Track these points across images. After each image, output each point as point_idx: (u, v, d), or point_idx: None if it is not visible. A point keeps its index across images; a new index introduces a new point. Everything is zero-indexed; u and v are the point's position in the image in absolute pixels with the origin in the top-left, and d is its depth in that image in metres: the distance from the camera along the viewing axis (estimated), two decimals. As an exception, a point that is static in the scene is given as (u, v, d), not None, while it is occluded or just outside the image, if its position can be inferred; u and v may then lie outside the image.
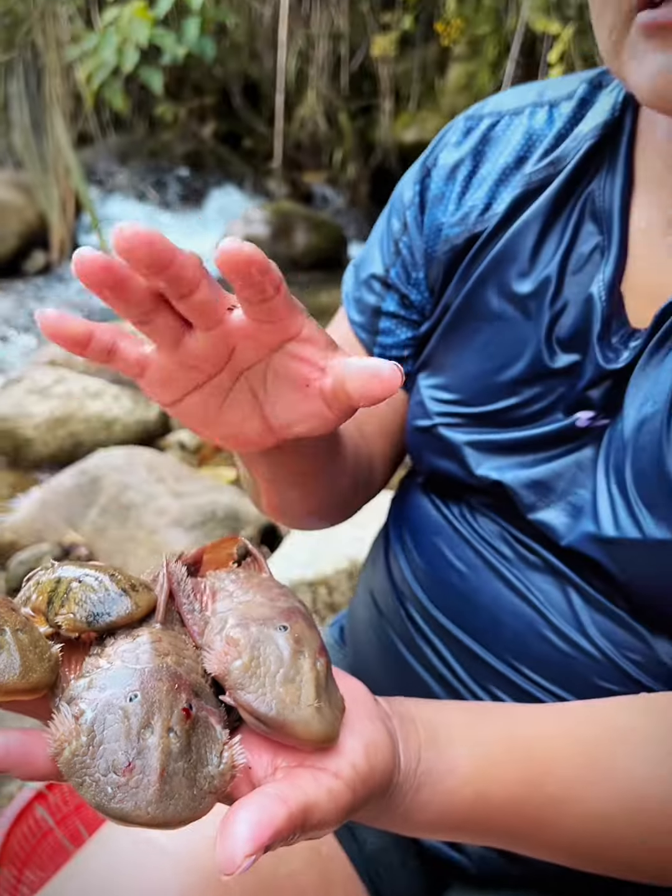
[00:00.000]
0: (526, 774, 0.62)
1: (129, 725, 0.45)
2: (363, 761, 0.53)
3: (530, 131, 0.82)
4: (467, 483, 0.83)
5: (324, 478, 0.80)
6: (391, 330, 0.91)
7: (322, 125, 6.03)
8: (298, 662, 0.51)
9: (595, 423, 0.76)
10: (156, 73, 5.87)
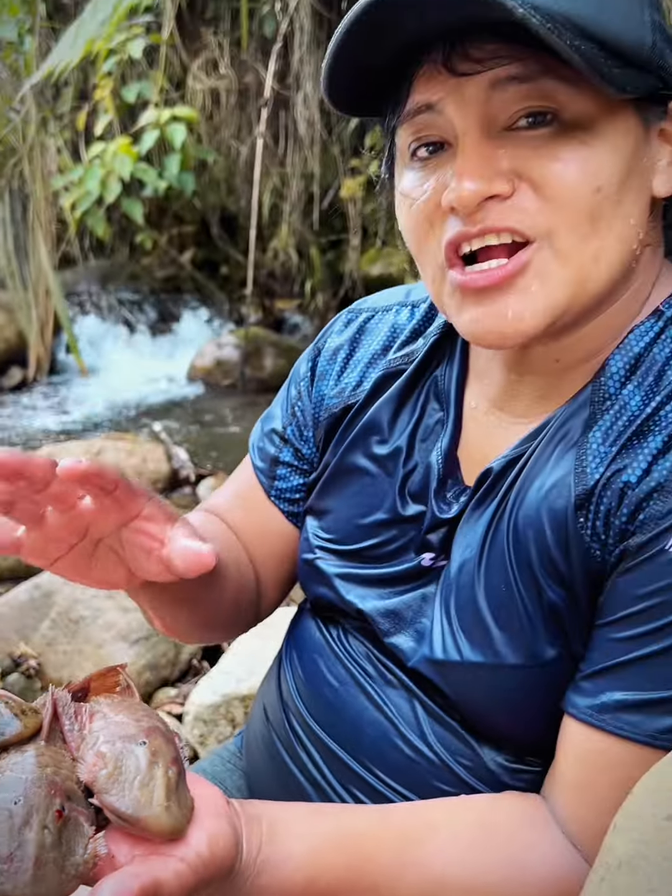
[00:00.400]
0: (351, 862, 0.75)
1: (12, 823, 0.58)
2: (206, 850, 0.66)
3: (394, 325, 1.02)
4: (340, 609, 0.98)
5: (202, 602, 0.95)
6: (286, 476, 1.08)
7: (294, 257, 6.33)
8: (153, 771, 0.64)
9: (436, 564, 0.92)
10: (137, 204, 6.20)
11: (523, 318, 0.77)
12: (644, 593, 0.75)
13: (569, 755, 0.80)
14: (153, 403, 5.65)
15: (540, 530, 0.82)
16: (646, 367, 0.81)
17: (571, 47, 0.68)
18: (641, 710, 0.74)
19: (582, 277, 0.77)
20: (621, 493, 0.77)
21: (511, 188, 0.76)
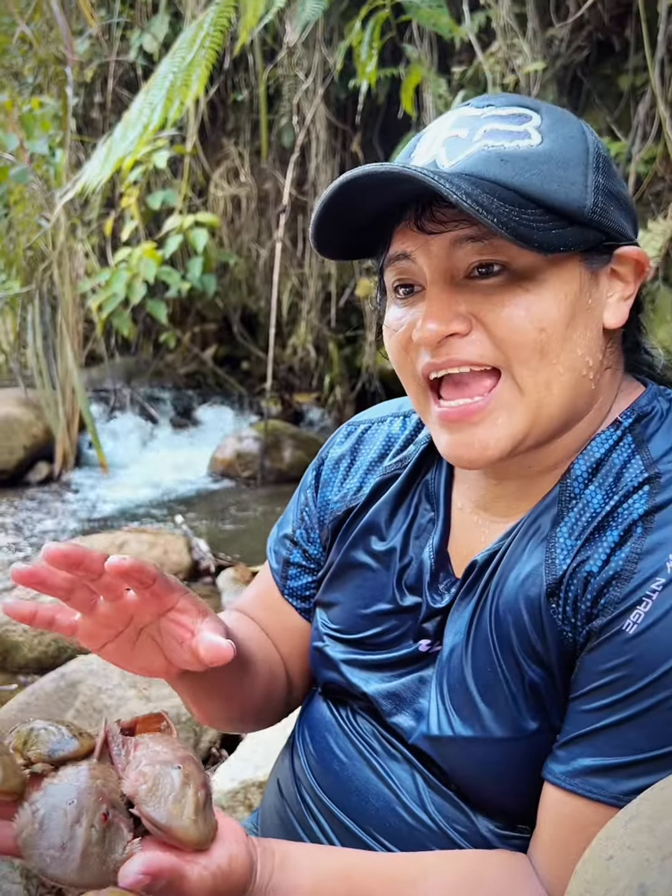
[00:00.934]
0: (351, 892, 0.86)
1: (66, 820, 0.70)
2: (226, 865, 0.77)
3: (389, 434, 1.16)
4: (347, 691, 1.08)
5: (237, 693, 1.07)
6: (297, 576, 1.20)
7: (312, 352, 6.54)
8: (185, 790, 0.76)
9: (432, 649, 1.02)
10: (161, 305, 6.45)
11: (488, 446, 0.91)
12: (606, 668, 0.84)
13: (546, 817, 0.88)
14: (175, 496, 5.77)
15: (518, 615, 0.92)
16: (606, 470, 0.93)
17: (500, 223, 0.81)
18: (608, 774, 0.82)
19: (538, 404, 0.90)
20: (585, 581, 0.88)
21: (468, 328, 0.89)
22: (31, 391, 6.35)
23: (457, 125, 0.92)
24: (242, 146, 6.67)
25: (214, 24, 4.31)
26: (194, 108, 6.25)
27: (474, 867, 0.90)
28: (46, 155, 6.42)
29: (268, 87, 6.10)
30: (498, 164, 0.87)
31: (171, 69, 4.08)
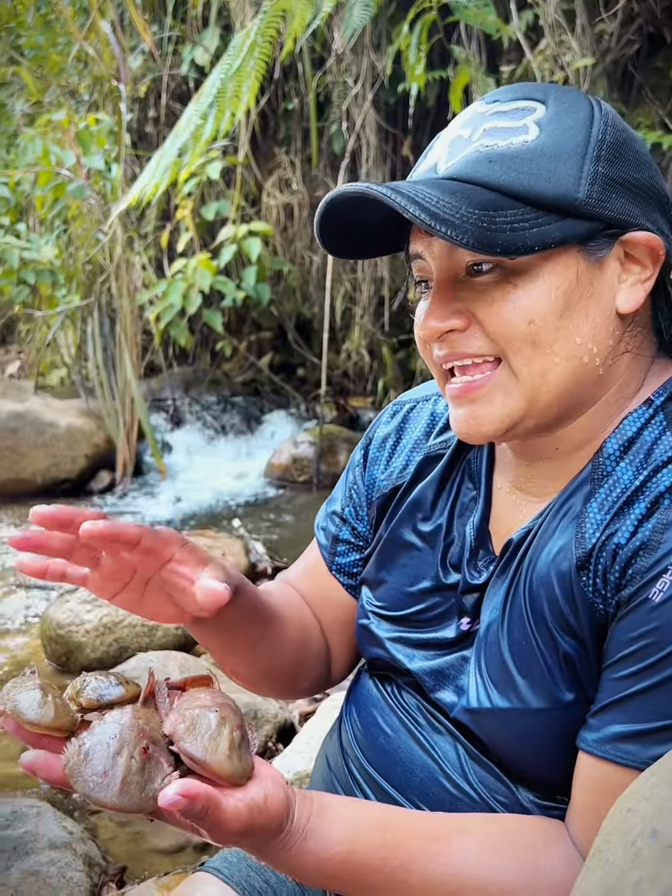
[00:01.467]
0: (386, 843, 0.87)
1: (108, 752, 0.76)
2: (262, 801, 0.80)
3: (433, 413, 1.18)
4: (392, 667, 1.09)
5: (258, 651, 1.09)
6: (345, 552, 1.23)
7: (366, 357, 6.56)
8: (221, 729, 0.80)
9: (472, 628, 1.04)
10: (217, 314, 6.54)
11: (483, 423, 0.95)
12: (634, 636, 0.85)
13: (579, 783, 0.89)
14: (233, 501, 5.84)
15: (550, 589, 0.93)
16: (637, 447, 0.94)
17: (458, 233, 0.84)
18: (637, 740, 0.83)
19: (534, 391, 0.92)
20: (614, 552, 0.89)
21: (466, 323, 0.93)
22: (93, 401, 6.49)
23: (464, 124, 0.96)
24: (294, 154, 6.73)
25: (262, 34, 4.37)
26: (245, 119, 6.33)
27: (509, 826, 0.92)
28: (103, 170, 6.55)
29: (317, 94, 6.15)
30: (486, 166, 0.90)
31: (218, 76, 4.15)
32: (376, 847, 0.87)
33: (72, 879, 1.87)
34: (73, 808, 2.35)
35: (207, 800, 0.75)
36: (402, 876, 0.87)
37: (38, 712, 0.79)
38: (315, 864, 0.86)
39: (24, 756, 0.78)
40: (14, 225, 7.44)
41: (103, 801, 0.76)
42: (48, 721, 0.79)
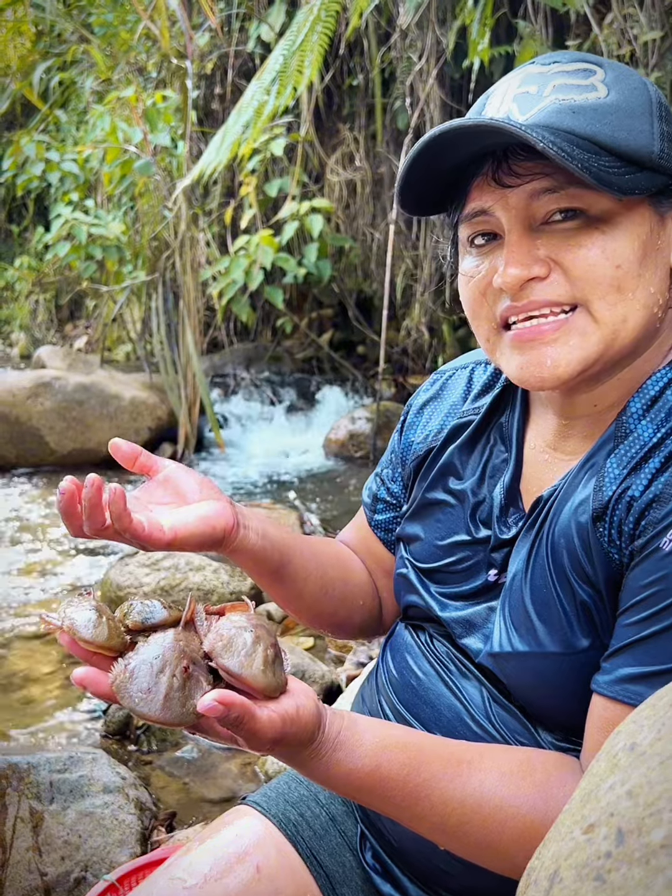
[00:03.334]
0: (410, 762, 0.92)
1: (152, 670, 0.83)
2: (294, 711, 0.86)
3: (470, 378, 1.23)
4: (426, 614, 1.15)
5: (284, 582, 1.18)
6: (383, 510, 1.31)
7: (426, 334, 6.56)
8: (256, 647, 0.86)
9: (500, 580, 1.09)
10: (278, 291, 6.60)
11: (559, 365, 0.96)
12: (645, 584, 0.89)
13: (591, 723, 0.93)
14: (290, 475, 5.92)
15: (570, 539, 0.98)
16: (659, 406, 0.97)
17: (584, 168, 0.87)
18: (645, 681, 0.87)
19: (613, 336, 0.95)
20: (628, 505, 0.93)
21: (548, 270, 0.95)
22: (156, 376, 6.61)
23: (525, 82, 0.98)
24: (358, 131, 6.73)
25: (326, 9, 4.39)
26: (309, 95, 6.36)
27: (527, 756, 0.97)
28: (169, 147, 6.65)
29: (382, 70, 6.14)
30: (570, 116, 0.92)
31: (281, 52, 4.18)
32: (400, 764, 0.92)
33: (124, 822, 1.96)
34: (128, 758, 2.46)
35: (243, 708, 0.80)
36: (423, 793, 0.92)
37: (93, 631, 0.86)
38: (343, 775, 0.91)
39: (76, 672, 0.85)
40: (83, 201, 7.59)
41: (147, 715, 0.82)
42: (101, 640, 0.86)
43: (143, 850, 1.93)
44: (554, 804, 0.92)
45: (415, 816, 0.93)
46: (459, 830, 0.93)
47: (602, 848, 0.49)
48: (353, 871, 1.19)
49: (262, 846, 1.17)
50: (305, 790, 1.26)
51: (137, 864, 1.67)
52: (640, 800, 0.50)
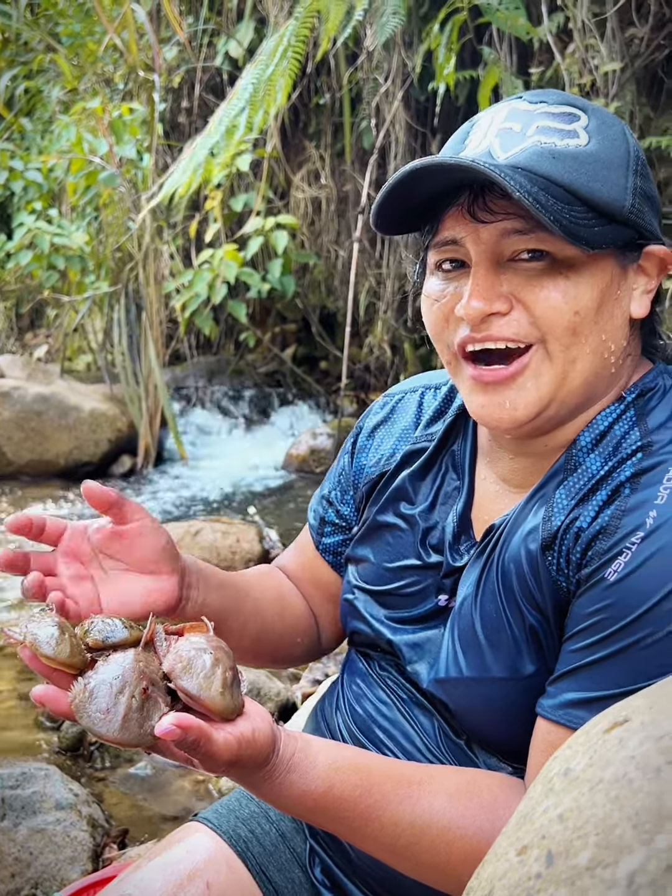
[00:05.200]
0: (362, 783, 0.95)
1: (111, 691, 0.84)
2: (250, 734, 0.87)
3: (420, 403, 1.25)
4: (373, 641, 1.18)
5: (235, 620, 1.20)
6: (331, 533, 1.31)
7: (388, 352, 6.62)
8: (215, 669, 0.87)
9: (450, 604, 1.11)
10: (242, 305, 6.62)
11: (517, 408, 0.99)
12: (589, 612, 0.92)
13: (535, 746, 0.96)
14: (251, 489, 5.93)
15: (520, 566, 1.01)
16: (607, 441, 1.01)
17: (555, 220, 0.89)
18: (587, 706, 0.90)
19: (563, 376, 0.98)
20: (576, 535, 0.97)
21: (509, 307, 0.97)
22: (117, 387, 6.59)
23: (510, 117, 0.99)
24: (324, 149, 6.79)
25: (296, 35, 4.44)
26: (275, 112, 6.40)
27: (474, 778, 1.00)
28: (135, 159, 6.65)
29: (350, 89, 6.21)
30: (550, 161, 0.94)
31: (251, 80, 4.21)
32: (352, 785, 0.94)
33: (76, 839, 1.96)
34: (81, 774, 2.45)
35: (199, 731, 0.82)
36: (374, 813, 0.94)
37: (55, 648, 0.87)
38: (297, 796, 0.92)
39: (35, 689, 0.86)
40: (46, 210, 7.56)
41: (105, 736, 0.83)
42: (63, 657, 0.87)
43: (95, 868, 1.93)
44: (500, 825, 0.94)
45: (366, 837, 0.96)
46: (409, 851, 0.95)
47: (533, 869, 0.52)
48: (302, 886, 1.21)
49: (212, 862, 1.18)
50: (256, 807, 1.28)
51: (89, 881, 1.67)
52: (569, 823, 0.53)
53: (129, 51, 6.18)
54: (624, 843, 0.48)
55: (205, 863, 1.18)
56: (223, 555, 4.01)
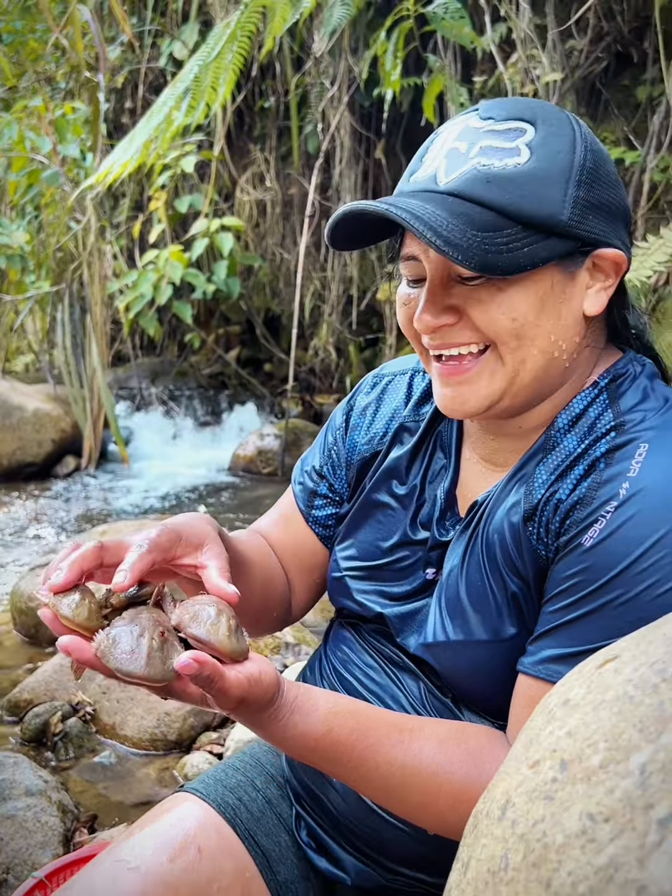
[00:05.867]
0: (358, 727, 1.01)
1: (133, 635, 0.90)
2: (257, 674, 0.93)
3: (410, 385, 1.31)
4: (362, 616, 1.24)
5: None
6: (322, 506, 1.36)
7: (333, 354, 6.70)
8: (220, 617, 0.94)
9: (436, 577, 1.18)
10: (187, 306, 6.63)
11: (467, 401, 1.08)
12: (567, 576, 1.00)
13: (516, 701, 1.04)
14: (198, 490, 5.95)
15: (503, 537, 1.08)
16: (583, 422, 1.09)
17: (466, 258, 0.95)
18: (565, 661, 0.97)
19: (514, 375, 1.06)
20: (556, 506, 1.04)
21: (457, 318, 1.05)
22: (60, 388, 6.55)
23: (461, 136, 1.05)
24: (269, 152, 6.84)
25: (242, 27, 4.47)
26: (222, 114, 6.44)
27: (461, 727, 1.07)
28: (78, 158, 6.62)
29: (296, 94, 6.27)
30: (484, 186, 1.00)
31: (196, 63, 4.23)
32: (349, 729, 1.00)
33: (46, 823, 1.98)
34: (45, 765, 2.46)
35: (213, 668, 0.88)
36: (369, 755, 1.00)
37: (74, 611, 0.93)
38: (299, 736, 0.99)
39: (61, 639, 0.91)
40: (-14, 209, 7.47)
41: (133, 673, 0.88)
42: (81, 620, 0.92)
43: (66, 852, 1.95)
44: (485, 769, 1.01)
45: (361, 777, 1.02)
46: (400, 792, 1.02)
47: (548, 776, 0.58)
48: (289, 849, 1.27)
49: (202, 829, 1.23)
50: (242, 776, 1.33)
51: (66, 860, 1.70)
52: (578, 737, 0.60)
53: (74, 49, 6.15)
54: (632, 744, 0.54)
55: (195, 829, 1.22)
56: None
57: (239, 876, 1.20)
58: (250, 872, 1.22)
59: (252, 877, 1.22)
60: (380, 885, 1.20)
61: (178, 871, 1.15)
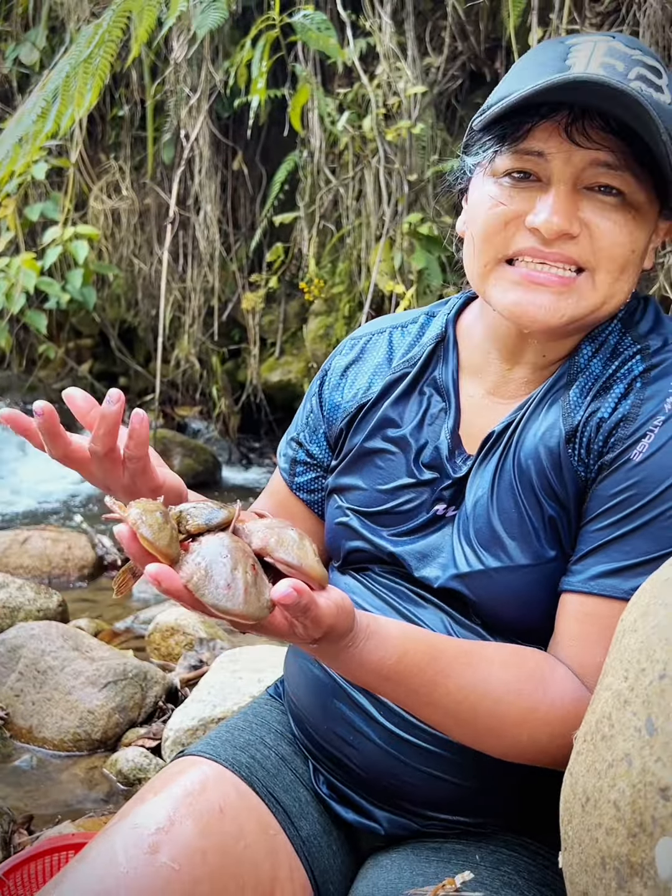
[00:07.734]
0: (430, 650, 1.00)
1: (226, 568, 0.85)
2: (341, 600, 0.90)
3: (391, 341, 1.31)
4: (373, 555, 1.22)
5: None
6: (303, 472, 1.37)
7: (196, 365, 6.62)
8: (303, 542, 0.90)
9: (448, 513, 1.19)
10: (41, 316, 6.39)
11: (553, 315, 1.08)
12: (615, 492, 1.04)
13: (567, 619, 1.06)
14: (70, 499, 5.74)
15: (538, 461, 1.10)
16: (605, 348, 1.14)
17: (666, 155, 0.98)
18: (618, 575, 1.01)
19: (601, 305, 1.10)
20: (598, 426, 1.08)
21: (579, 231, 1.06)
22: None
23: (611, 54, 1.03)
24: (123, 161, 6.72)
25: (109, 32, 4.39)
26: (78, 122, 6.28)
27: (516, 649, 1.08)
28: None
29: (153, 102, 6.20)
30: (656, 108, 0.98)
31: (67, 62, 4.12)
32: (422, 652, 0.99)
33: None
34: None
35: (310, 596, 0.85)
36: (441, 680, 1.00)
37: (156, 534, 0.85)
38: (375, 661, 0.96)
39: (150, 566, 0.83)
40: None
41: (231, 610, 0.83)
42: (161, 545, 0.85)
43: (7, 854, 1.83)
44: (549, 689, 1.03)
45: (431, 702, 1.01)
46: (469, 715, 1.01)
47: None
48: (309, 804, 1.24)
49: (220, 787, 1.19)
50: (250, 735, 1.29)
51: (22, 857, 1.61)
52: None
53: None
54: None
55: (213, 788, 1.18)
56: (55, 562, 3.87)
57: (263, 834, 1.17)
58: (274, 829, 1.18)
59: (276, 834, 1.18)
60: (414, 832, 1.18)
61: (203, 834, 1.11)
